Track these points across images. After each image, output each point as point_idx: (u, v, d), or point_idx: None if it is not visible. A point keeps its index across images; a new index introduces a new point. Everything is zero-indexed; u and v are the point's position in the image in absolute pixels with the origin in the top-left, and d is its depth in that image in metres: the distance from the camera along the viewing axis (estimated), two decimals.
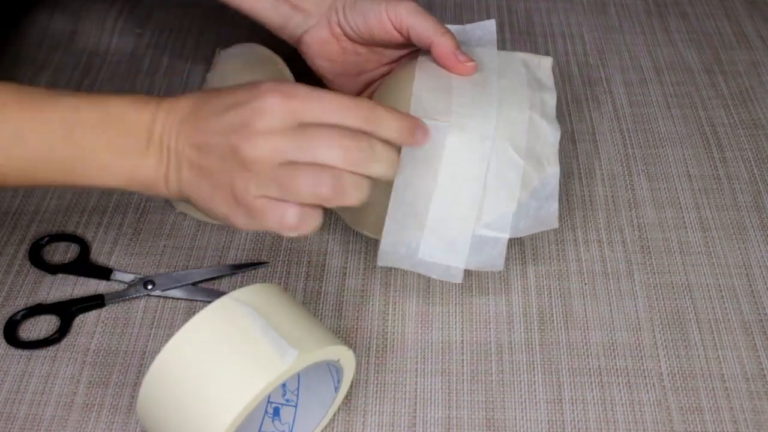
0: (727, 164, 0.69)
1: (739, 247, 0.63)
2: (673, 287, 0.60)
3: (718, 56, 0.80)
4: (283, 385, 0.52)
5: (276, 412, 0.52)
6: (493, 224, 0.54)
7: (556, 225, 0.57)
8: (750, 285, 0.61)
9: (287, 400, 0.52)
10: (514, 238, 0.63)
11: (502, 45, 0.80)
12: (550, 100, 0.58)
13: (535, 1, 0.85)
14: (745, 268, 0.62)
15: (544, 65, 0.60)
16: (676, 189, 0.67)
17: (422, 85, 0.56)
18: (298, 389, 0.52)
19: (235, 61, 0.68)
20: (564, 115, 0.73)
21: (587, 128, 0.72)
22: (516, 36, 0.81)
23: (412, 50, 0.61)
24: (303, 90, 0.46)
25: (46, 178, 0.48)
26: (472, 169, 0.54)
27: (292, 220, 0.45)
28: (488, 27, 0.62)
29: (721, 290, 0.60)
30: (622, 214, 0.65)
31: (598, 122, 0.73)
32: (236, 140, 0.45)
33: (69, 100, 0.47)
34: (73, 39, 0.80)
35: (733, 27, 0.83)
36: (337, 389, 0.50)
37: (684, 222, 0.65)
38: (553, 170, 0.56)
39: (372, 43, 0.60)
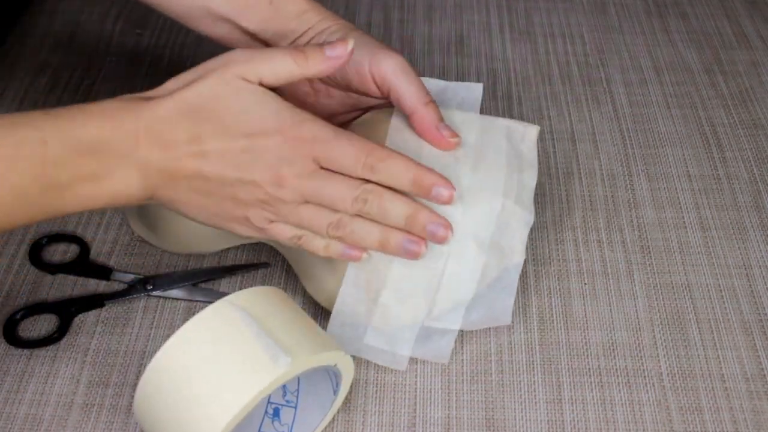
0: (727, 164, 0.69)
1: (739, 247, 0.63)
2: (673, 287, 0.60)
3: (718, 56, 0.80)
4: (284, 386, 0.52)
5: (276, 412, 0.52)
6: (444, 317, 0.53)
7: (508, 321, 0.54)
8: (750, 285, 0.61)
9: (287, 401, 0.52)
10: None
11: (502, 45, 0.80)
12: (530, 180, 0.54)
13: (535, 1, 0.85)
14: (745, 268, 0.62)
15: (528, 136, 0.56)
16: (676, 189, 0.67)
17: (392, 146, 0.52)
18: (298, 390, 0.52)
19: None
20: (564, 115, 0.73)
21: (587, 128, 0.72)
22: (516, 36, 0.81)
23: (388, 101, 0.55)
24: (321, 134, 0.47)
25: (23, 219, 0.45)
26: (429, 261, 0.51)
27: (313, 246, 0.50)
28: (474, 90, 0.59)
29: (721, 290, 0.60)
30: (622, 214, 0.65)
31: (598, 122, 0.73)
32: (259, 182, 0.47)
33: (33, 134, 0.43)
34: (73, 39, 0.80)
35: (733, 27, 0.83)
36: (336, 392, 0.50)
37: (684, 222, 0.65)
38: (516, 261, 0.53)
39: (348, 90, 0.56)
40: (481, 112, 0.71)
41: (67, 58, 0.78)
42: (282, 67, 0.47)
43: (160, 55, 0.78)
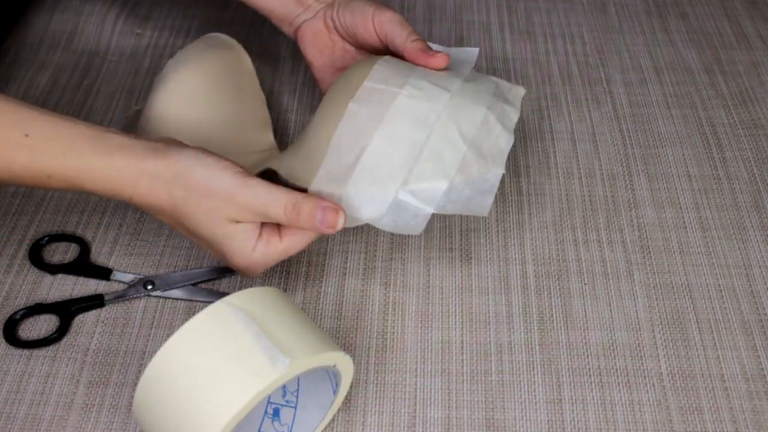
0: (727, 164, 0.69)
1: (739, 247, 0.63)
2: (673, 287, 0.60)
3: (718, 56, 0.79)
4: (283, 386, 0.52)
5: (276, 413, 0.52)
6: (420, 193, 0.53)
7: (485, 214, 0.55)
8: (750, 285, 0.61)
9: (287, 401, 0.52)
10: (515, 240, 0.63)
11: (502, 45, 0.80)
12: (512, 114, 0.58)
13: (535, 1, 0.85)
14: (745, 268, 0.62)
15: (515, 92, 0.60)
16: (676, 189, 0.67)
17: (385, 63, 0.58)
18: (297, 390, 0.52)
19: (198, 45, 0.68)
20: (564, 115, 0.73)
21: (587, 128, 0.72)
22: (516, 36, 0.81)
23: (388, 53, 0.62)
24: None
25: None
26: (411, 132, 0.54)
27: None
28: (471, 54, 0.63)
29: (721, 290, 0.60)
30: (622, 214, 0.65)
31: (598, 122, 0.73)
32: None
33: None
34: (73, 39, 0.80)
35: (733, 27, 0.83)
36: (335, 392, 0.50)
37: (684, 222, 0.65)
38: (496, 170, 0.55)
39: (356, 43, 0.64)
40: None
41: (67, 58, 0.78)
42: (273, 217, 0.51)
43: (160, 55, 0.78)
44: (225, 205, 0.50)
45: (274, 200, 0.50)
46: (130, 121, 0.68)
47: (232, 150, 0.62)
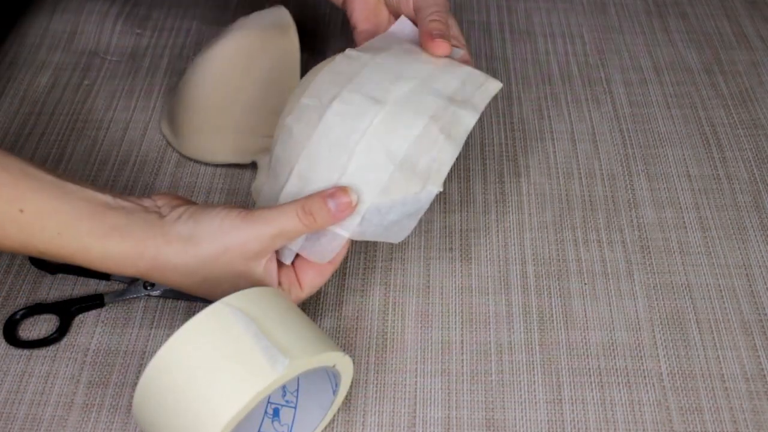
0: (727, 164, 0.69)
1: (739, 247, 0.63)
2: (673, 287, 0.60)
3: (718, 56, 0.79)
4: (283, 386, 0.52)
5: (276, 413, 0.52)
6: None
7: (400, 240, 0.54)
8: (750, 285, 0.61)
9: (287, 401, 0.52)
10: (515, 240, 0.63)
11: (502, 45, 0.80)
12: (468, 119, 0.53)
13: (535, 1, 0.85)
14: (745, 268, 0.62)
15: (487, 87, 0.56)
16: (676, 189, 0.67)
17: (329, 72, 0.55)
18: (297, 391, 0.52)
19: (256, 20, 0.70)
20: (564, 115, 0.73)
21: (587, 128, 0.72)
22: (516, 36, 0.81)
23: None
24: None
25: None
26: (331, 154, 0.52)
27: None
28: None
29: (721, 290, 0.60)
30: (622, 214, 0.65)
31: (598, 122, 0.73)
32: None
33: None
34: (73, 39, 0.80)
35: (733, 27, 0.83)
36: (335, 392, 0.50)
37: (684, 222, 0.65)
38: (431, 188, 0.52)
39: (397, 16, 0.63)
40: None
41: (67, 58, 0.78)
42: (292, 232, 0.50)
43: (160, 55, 0.78)
44: (242, 251, 0.49)
45: (283, 214, 0.50)
46: None
47: (247, 127, 0.66)
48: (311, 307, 0.59)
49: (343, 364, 0.48)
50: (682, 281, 0.61)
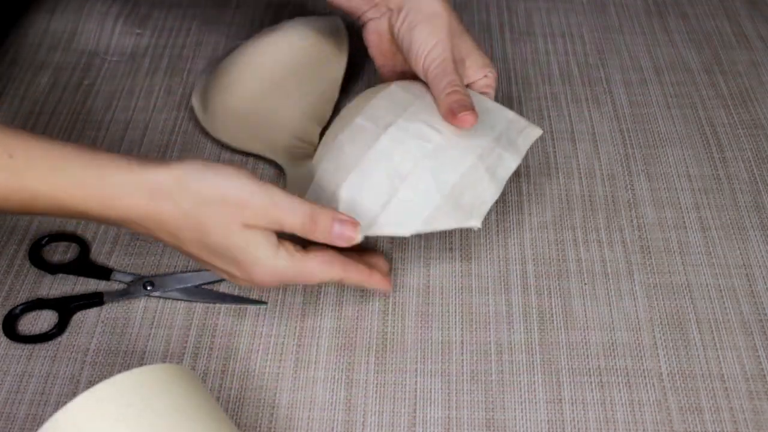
0: (727, 164, 0.69)
1: (739, 247, 0.63)
2: (673, 287, 0.60)
3: (718, 56, 0.79)
4: None
5: None
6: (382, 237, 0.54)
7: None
8: (750, 285, 0.61)
9: None
10: (515, 240, 0.63)
11: (502, 45, 0.80)
12: (511, 162, 0.57)
13: (535, 1, 0.85)
14: (745, 268, 0.62)
15: (528, 133, 0.59)
16: (676, 189, 0.67)
17: (386, 96, 0.57)
18: None
19: (311, 23, 0.70)
20: (564, 115, 0.73)
21: (587, 128, 0.72)
22: (516, 36, 0.81)
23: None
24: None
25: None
26: (382, 179, 0.54)
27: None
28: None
29: (721, 290, 0.60)
30: (622, 214, 0.65)
31: (598, 122, 0.73)
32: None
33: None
34: (73, 39, 0.80)
35: (733, 27, 0.83)
36: None
37: (684, 222, 0.65)
38: (471, 224, 0.55)
39: (405, 57, 0.62)
40: None
41: (67, 58, 0.78)
42: (288, 226, 0.49)
43: (160, 55, 0.78)
44: (240, 210, 0.48)
45: (293, 208, 0.49)
46: None
47: (278, 124, 0.66)
48: (311, 307, 0.59)
49: None
50: (682, 281, 0.61)
